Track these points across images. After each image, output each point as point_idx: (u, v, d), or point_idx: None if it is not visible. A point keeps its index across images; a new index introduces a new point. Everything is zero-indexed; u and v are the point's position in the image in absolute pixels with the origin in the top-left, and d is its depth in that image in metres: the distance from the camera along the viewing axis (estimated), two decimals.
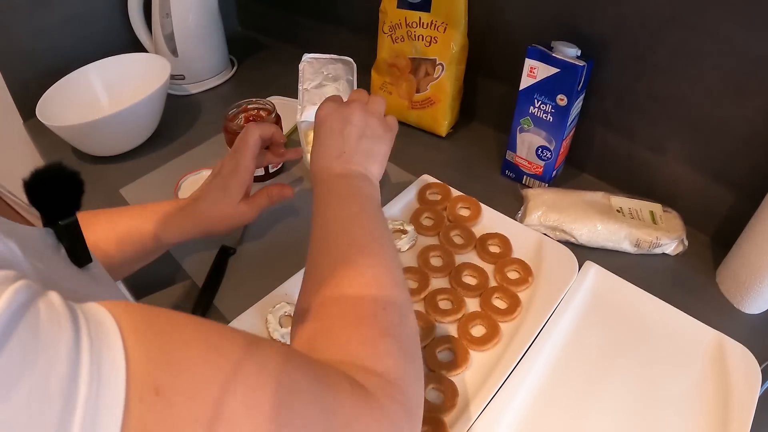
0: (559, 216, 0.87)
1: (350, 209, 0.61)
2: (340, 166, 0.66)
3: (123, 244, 0.72)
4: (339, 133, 0.67)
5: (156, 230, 0.74)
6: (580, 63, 0.81)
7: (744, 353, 0.70)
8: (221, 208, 0.76)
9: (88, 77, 1.14)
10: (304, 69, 0.96)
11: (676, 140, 0.86)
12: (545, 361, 0.72)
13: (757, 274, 0.74)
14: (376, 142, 0.69)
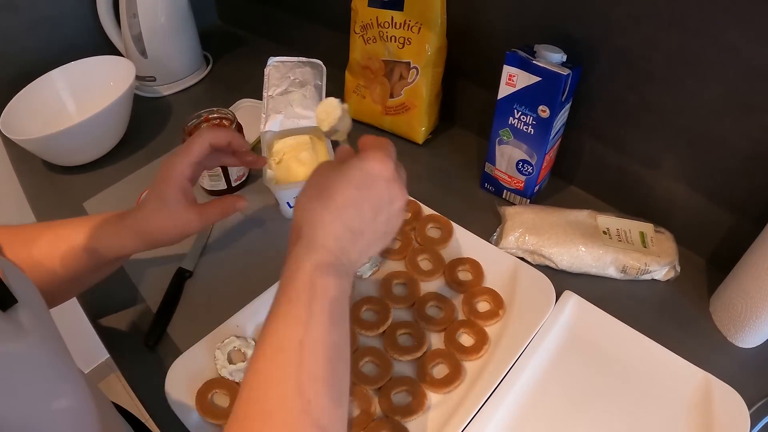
0: (539, 239, 0.79)
1: (336, 335, 0.49)
2: (344, 248, 0.52)
3: (67, 260, 0.66)
4: (373, 209, 0.53)
5: (96, 244, 0.67)
6: (563, 71, 0.74)
7: (733, 397, 0.64)
8: (161, 216, 0.68)
9: (52, 83, 1.09)
10: (270, 74, 0.90)
11: (671, 155, 0.80)
12: (512, 405, 0.66)
13: (754, 307, 0.68)
14: (387, 237, 0.57)
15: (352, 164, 0.53)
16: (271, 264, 0.79)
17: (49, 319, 0.50)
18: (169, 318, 0.78)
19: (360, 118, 1.06)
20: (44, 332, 0.45)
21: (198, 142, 0.69)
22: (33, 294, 0.50)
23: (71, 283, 0.68)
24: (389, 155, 0.55)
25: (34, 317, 0.45)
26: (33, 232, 0.67)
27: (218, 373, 0.69)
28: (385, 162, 0.53)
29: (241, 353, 0.71)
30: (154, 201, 0.68)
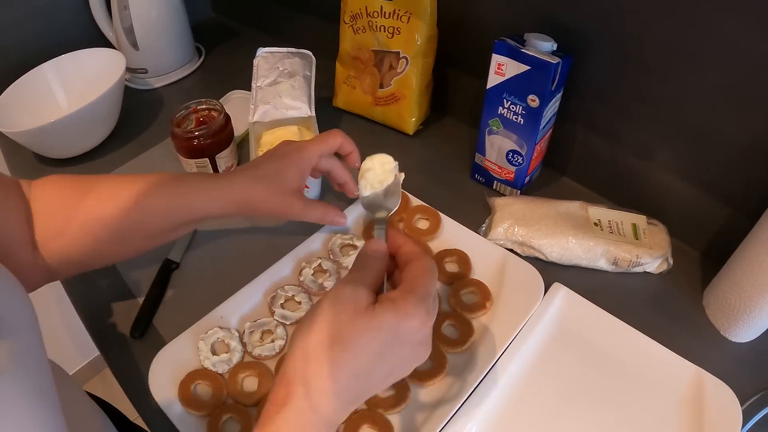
0: (528, 230, 0.78)
1: None
2: (338, 414, 0.47)
3: (143, 215, 0.65)
4: (390, 372, 0.48)
5: (181, 201, 0.66)
6: (553, 60, 0.72)
7: (726, 393, 0.63)
8: (269, 191, 0.68)
9: (44, 77, 1.09)
10: (259, 64, 0.89)
11: (665, 147, 0.78)
12: (499, 398, 0.64)
13: (748, 301, 0.66)
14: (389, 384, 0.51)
15: (385, 320, 0.45)
16: (256, 256, 0.79)
17: (33, 344, 0.46)
18: (155, 309, 0.77)
19: (350, 109, 1.05)
20: (24, 366, 0.42)
21: (333, 135, 0.71)
22: (21, 314, 0.46)
23: (141, 241, 0.68)
24: (430, 302, 0.48)
25: (13, 350, 0.41)
26: (106, 183, 0.66)
27: (201, 364, 0.68)
28: (426, 321, 0.47)
29: (225, 344, 0.70)
30: (269, 174, 0.68)
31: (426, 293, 0.47)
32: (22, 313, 0.46)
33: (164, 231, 0.67)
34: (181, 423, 0.63)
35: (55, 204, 0.62)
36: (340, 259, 0.78)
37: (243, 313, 0.73)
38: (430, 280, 0.49)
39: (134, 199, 0.63)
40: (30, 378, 0.42)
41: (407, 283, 0.48)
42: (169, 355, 0.68)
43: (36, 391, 0.42)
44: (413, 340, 0.47)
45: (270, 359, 0.69)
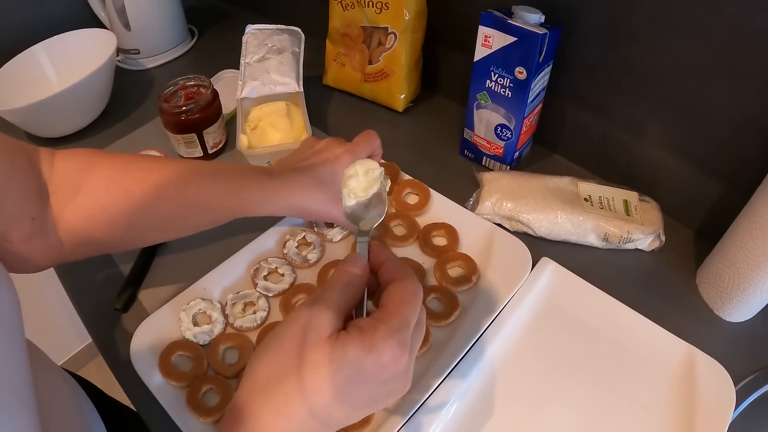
0: (516, 204, 0.77)
1: None
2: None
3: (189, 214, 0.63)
4: (358, 406, 0.43)
5: (230, 200, 0.63)
6: (540, 31, 0.71)
7: (719, 371, 0.61)
8: (322, 197, 0.64)
9: (35, 58, 1.09)
10: (248, 41, 0.88)
11: (656, 122, 0.77)
12: (484, 372, 0.64)
13: (742, 278, 0.65)
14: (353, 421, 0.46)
15: (347, 352, 0.40)
16: (239, 230, 0.79)
17: (10, 327, 0.43)
18: (140, 283, 0.77)
19: (340, 86, 1.05)
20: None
21: (372, 138, 0.67)
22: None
23: (174, 231, 0.66)
24: (406, 333, 0.42)
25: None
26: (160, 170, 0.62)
27: (182, 335, 0.67)
28: (399, 356, 0.41)
29: (207, 315, 0.69)
30: (325, 179, 0.64)
31: (402, 323, 0.42)
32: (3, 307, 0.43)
33: (205, 224, 0.65)
34: (160, 394, 0.62)
35: (82, 180, 0.58)
36: (324, 231, 0.77)
37: (225, 285, 0.73)
38: (410, 307, 0.43)
39: (179, 188, 0.61)
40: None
41: (382, 309, 0.43)
42: (151, 326, 0.68)
43: (5, 384, 0.40)
44: (382, 377, 0.41)
45: (252, 331, 0.68)
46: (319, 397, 0.40)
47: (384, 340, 0.40)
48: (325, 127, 0.98)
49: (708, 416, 0.58)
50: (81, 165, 0.60)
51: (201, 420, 0.60)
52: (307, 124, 0.84)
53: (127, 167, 0.61)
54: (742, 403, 0.61)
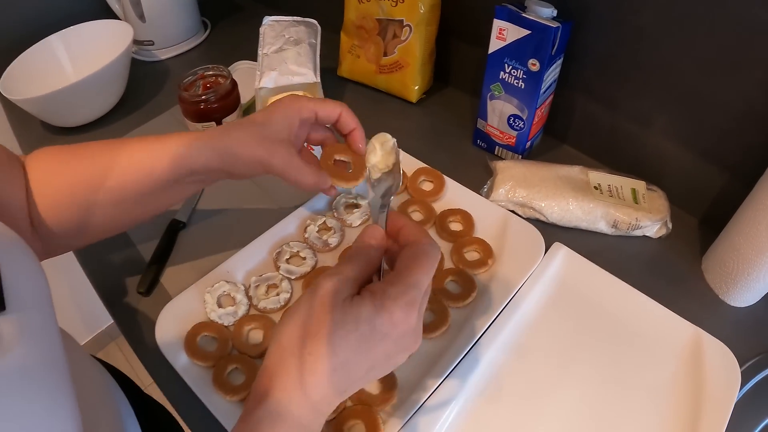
0: (529, 192, 0.79)
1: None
2: (319, 412, 0.45)
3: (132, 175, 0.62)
4: (373, 367, 0.45)
5: (165, 156, 0.61)
6: (553, 24, 0.73)
7: (724, 353, 0.63)
8: (250, 134, 0.61)
9: (51, 48, 1.10)
10: (265, 32, 0.90)
11: (662, 113, 0.79)
12: (499, 352, 0.66)
13: (746, 264, 0.67)
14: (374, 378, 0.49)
15: (360, 312, 0.43)
16: (261, 216, 0.81)
17: (45, 317, 0.46)
18: (162, 267, 0.79)
19: (354, 77, 1.07)
20: (31, 344, 0.42)
21: (334, 104, 0.66)
22: (33, 288, 0.46)
23: (134, 205, 0.64)
24: (414, 293, 0.44)
25: (23, 326, 0.42)
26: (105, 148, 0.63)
27: (207, 316, 0.69)
28: (408, 313, 0.44)
29: (230, 297, 0.71)
30: (256, 121, 0.62)
31: (410, 284, 0.44)
32: (33, 285, 0.46)
33: (156, 190, 0.62)
34: (186, 373, 0.64)
35: (47, 176, 0.60)
36: (344, 216, 0.79)
37: (248, 268, 0.75)
38: (419, 268, 0.45)
39: (120, 158, 0.61)
40: (40, 352, 0.42)
41: (395, 272, 0.45)
42: (176, 307, 0.70)
43: (46, 365, 0.42)
44: (394, 334, 0.44)
45: (275, 312, 0.70)
46: (339, 355, 0.43)
47: (394, 300, 0.43)
48: None
49: (714, 396, 0.61)
50: (46, 163, 0.62)
51: (227, 398, 0.62)
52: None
53: (83, 152, 0.63)
54: (746, 384, 0.64)
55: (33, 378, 0.40)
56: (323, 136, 0.69)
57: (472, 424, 0.61)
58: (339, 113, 0.65)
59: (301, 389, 0.43)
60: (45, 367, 0.42)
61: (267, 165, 0.61)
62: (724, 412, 0.59)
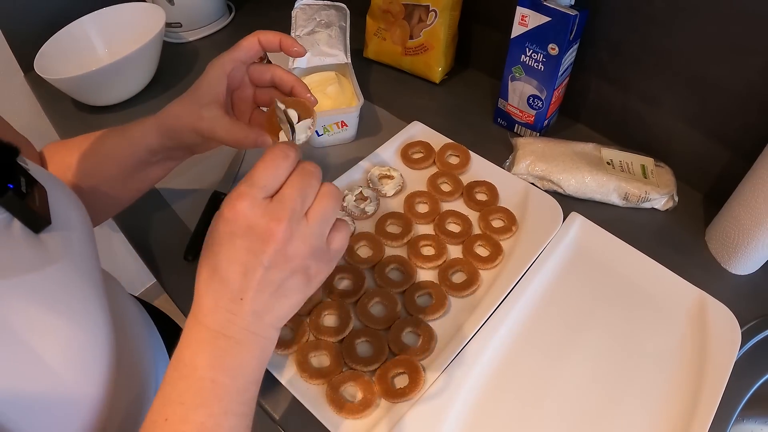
0: (548, 166, 0.86)
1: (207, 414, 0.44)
2: (225, 317, 0.45)
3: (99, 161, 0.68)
4: (238, 266, 0.45)
5: (121, 138, 0.67)
6: (572, 12, 0.79)
7: (726, 314, 0.69)
8: (181, 102, 0.64)
9: (84, 29, 1.14)
10: (297, 15, 0.95)
11: (670, 94, 0.84)
12: (523, 310, 0.72)
13: (746, 234, 0.73)
14: (291, 290, 0.47)
15: (212, 223, 0.46)
16: None
17: (86, 241, 0.51)
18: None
19: (381, 59, 1.12)
20: (74, 258, 0.48)
21: (247, 38, 0.63)
22: (74, 214, 0.52)
23: (107, 188, 0.68)
24: (250, 185, 0.44)
25: (67, 242, 0.47)
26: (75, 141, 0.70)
27: None
28: (237, 204, 0.44)
29: None
30: (188, 91, 0.64)
31: (245, 179, 0.45)
32: (74, 212, 0.52)
33: (122, 174, 0.67)
34: None
35: (61, 166, 0.68)
36: (378, 187, 0.85)
37: None
38: (257, 165, 0.46)
39: (92, 143, 0.67)
40: (81, 267, 0.49)
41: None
42: None
43: (86, 279, 0.49)
44: (235, 229, 0.44)
45: None
46: (205, 263, 0.46)
47: (225, 200, 0.45)
48: (368, 96, 1.05)
49: (716, 354, 0.66)
50: (51, 155, 0.69)
51: (277, 353, 0.68)
52: (358, 91, 0.92)
53: (66, 144, 0.70)
54: (745, 345, 0.69)
55: (74, 288, 0.46)
56: (269, 94, 0.67)
57: (500, 374, 0.67)
58: (256, 41, 0.63)
59: (198, 296, 0.46)
60: (84, 279, 0.48)
61: (198, 130, 0.62)
62: (725, 369, 0.65)
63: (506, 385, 0.66)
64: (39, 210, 0.45)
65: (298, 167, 0.47)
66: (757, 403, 0.68)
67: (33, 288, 0.42)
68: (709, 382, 0.64)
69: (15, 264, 0.42)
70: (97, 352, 0.46)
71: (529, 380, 0.67)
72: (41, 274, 0.43)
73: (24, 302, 0.41)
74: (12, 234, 0.43)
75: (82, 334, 0.45)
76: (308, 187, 0.46)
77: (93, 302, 0.48)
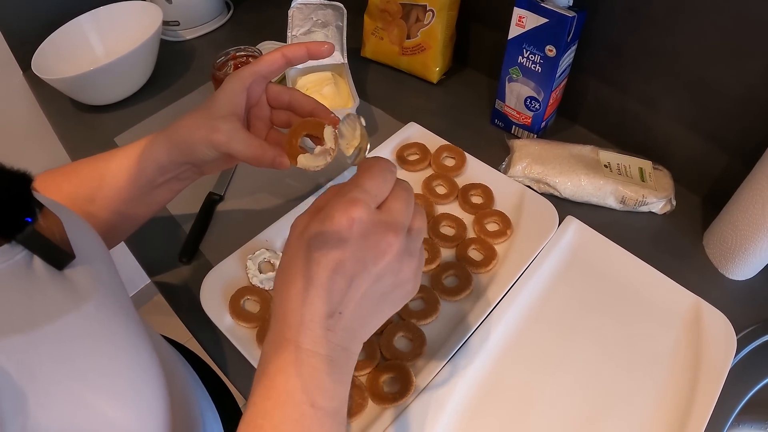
0: (544, 168, 0.85)
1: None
2: (319, 333, 0.43)
3: (111, 185, 0.63)
4: (343, 277, 0.42)
5: (133, 158, 0.62)
6: (569, 14, 0.78)
7: (722, 320, 0.68)
8: (196, 116, 0.61)
9: (81, 28, 1.14)
10: (293, 15, 0.94)
11: (669, 97, 0.84)
12: (516, 315, 0.71)
13: (744, 240, 0.72)
14: (388, 304, 0.46)
15: (311, 231, 0.43)
16: (297, 187, 0.87)
17: (112, 271, 0.48)
18: (202, 237, 0.84)
19: (378, 58, 1.12)
20: (106, 292, 0.43)
21: (270, 52, 0.61)
22: (95, 245, 0.48)
23: (120, 212, 0.65)
24: (362, 191, 0.43)
25: (94, 275, 0.43)
26: (76, 168, 0.65)
27: (249, 281, 0.75)
28: (350, 208, 0.41)
29: (270, 264, 0.77)
30: (201, 105, 0.62)
31: (353, 184, 0.44)
32: (92, 240, 0.49)
33: (126, 198, 0.63)
34: (231, 334, 0.69)
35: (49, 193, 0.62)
36: None
37: (285, 237, 0.78)
38: (362, 173, 0.45)
39: (110, 168, 0.63)
40: (115, 300, 0.45)
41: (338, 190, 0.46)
42: (219, 274, 0.75)
43: (123, 312, 0.45)
44: (349, 235, 0.42)
45: None
46: (306, 274, 0.42)
47: (333, 205, 0.42)
48: (365, 96, 1.04)
49: (711, 361, 0.66)
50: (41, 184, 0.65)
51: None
52: (354, 92, 0.91)
53: (69, 169, 0.66)
54: (741, 351, 0.69)
55: (114, 324, 0.43)
56: (287, 116, 0.66)
57: (492, 379, 0.67)
58: (279, 55, 0.61)
59: (285, 314, 0.43)
60: (122, 314, 0.45)
61: (213, 142, 0.59)
62: (720, 376, 0.64)
63: (499, 390, 0.66)
64: (61, 243, 0.40)
65: (398, 182, 0.46)
66: (753, 409, 0.67)
67: (72, 332, 0.38)
68: (704, 388, 0.63)
69: (48, 309, 0.37)
70: (151, 392, 0.44)
71: (523, 385, 0.66)
72: (77, 314, 0.39)
73: (66, 350, 0.37)
74: (35, 275, 0.38)
75: (134, 373, 0.43)
76: (412, 203, 0.46)
77: (136, 337, 0.45)
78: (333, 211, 0.42)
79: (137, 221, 0.69)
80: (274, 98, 0.64)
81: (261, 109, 0.65)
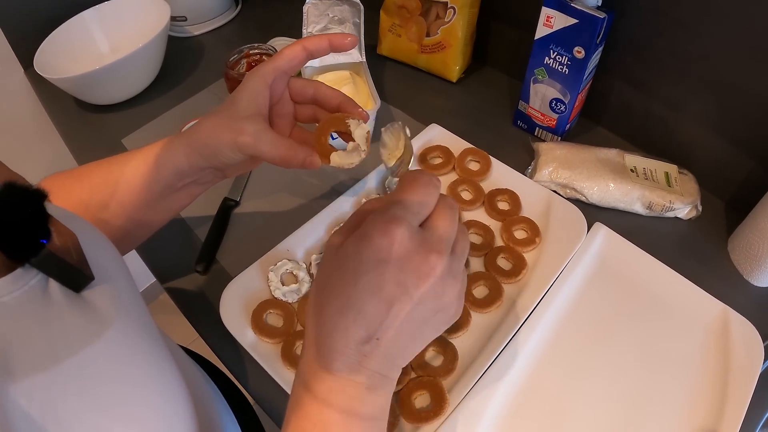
0: (571, 173, 0.83)
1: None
2: (355, 359, 0.41)
3: (125, 189, 0.60)
4: (386, 302, 0.40)
5: (150, 162, 0.60)
6: (600, 15, 0.76)
7: (748, 329, 0.67)
8: (218, 116, 0.58)
9: (85, 24, 1.10)
10: (309, 11, 0.91)
11: (695, 101, 0.82)
12: (548, 325, 0.70)
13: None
14: (429, 328, 0.44)
15: (346, 250, 0.41)
16: (315, 192, 0.83)
17: (133, 290, 0.45)
18: (218, 245, 0.81)
19: (394, 56, 1.09)
20: (128, 311, 0.41)
21: (289, 46, 0.58)
22: (112, 260, 0.46)
23: (135, 219, 0.62)
24: (398, 210, 0.41)
25: (114, 295, 0.41)
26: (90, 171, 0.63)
27: (272, 294, 0.72)
28: (391, 229, 0.39)
29: (293, 276, 0.74)
30: (222, 106, 0.59)
31: (392, 200, 0.42)
32: (111, 257, 0.46)
33: (142, 203, 0.61)
34: (253, 350, 0.67)
35: (59, 198, 0.58)
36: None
37: (307, 247, 0.77)
38: (404, 187, 0.43)
39: (125, 172, 0.60)
40: (138, 322, 0.43)
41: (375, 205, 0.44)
42: (239, 286, 0.72)
43: (147, 335, 0.43)
44: (388, 257, 0.40)
45: None
46: (338, 303, 0.41)
47: (373, 225, 0.40)
48: (382, 95, 1.01)
49: (739, 369, 0.65)
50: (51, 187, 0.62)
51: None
52: (374, 91, 0.88)
53: (82, 173, 0.62)
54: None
55: (140, 349, 0.41)
56: (311, 111, 0.64)
57: (526, 390, 0.65)
58: (300, 48, 0.58)
59: (320, 339, 0.41)
60: (145, 334, 0.43)
61: (239, 145, 0.56)
62: (749, 383, 0.63)
63: (533, 402, 0.65)
64: (78, 263, 0.37)
65: (441, 199, 0.44)
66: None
67: (95, 363, 0.36)
68: (733, 396, 0.62)
69: (68, 339, 0.35)
70: (180, 417, 0.42)
71: (555, 396, 0.65)
72: (99, 342, 0.37)
73: (90, 382, 0.35)
74: (52, 300, 0.36)
75: (161, 399, 0.41)
76: (456, 221, 0.44)
77: (161, 358, 0.43)
78: (371, 229, 0.40)
79: (152, 228, 0.67)
80: (298, 93, 0.62)
81: (283, 106, 0.62)
